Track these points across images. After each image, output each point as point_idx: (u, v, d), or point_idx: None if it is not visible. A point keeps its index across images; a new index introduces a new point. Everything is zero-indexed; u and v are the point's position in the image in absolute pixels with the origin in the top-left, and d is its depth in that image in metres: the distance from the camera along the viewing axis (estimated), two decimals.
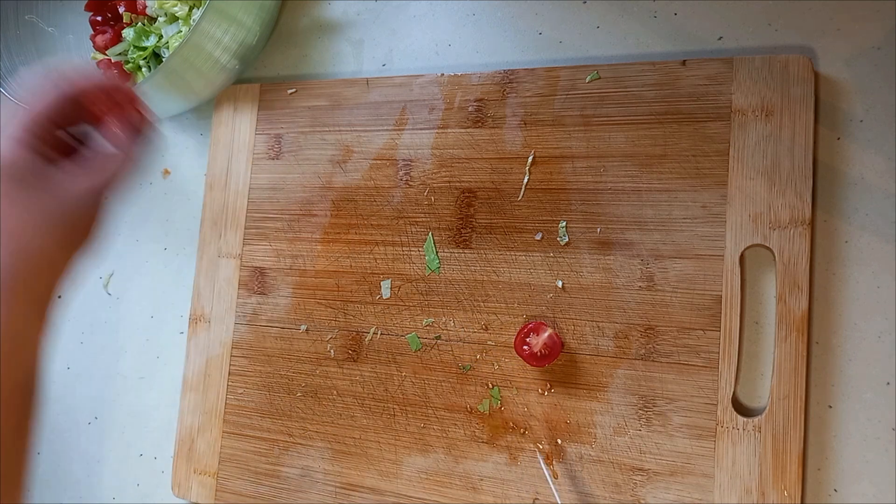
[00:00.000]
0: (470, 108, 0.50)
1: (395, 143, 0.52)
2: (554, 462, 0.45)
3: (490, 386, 0.47)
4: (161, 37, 0.57)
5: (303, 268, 0.53)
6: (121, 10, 0.59)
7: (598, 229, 0.46)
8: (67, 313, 0.64)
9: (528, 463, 0.46)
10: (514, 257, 0.48)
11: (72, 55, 0.61)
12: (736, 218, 0.43)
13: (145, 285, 0.61)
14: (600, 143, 0.46)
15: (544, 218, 0.47)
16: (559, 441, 0.45)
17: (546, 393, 0.46)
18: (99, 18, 0.60)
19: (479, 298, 0.48)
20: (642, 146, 0.45)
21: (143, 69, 0.58)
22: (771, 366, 0.42)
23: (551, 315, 0.46)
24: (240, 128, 0.57)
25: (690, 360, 0.43)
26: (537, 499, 0.45)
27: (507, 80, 0.49)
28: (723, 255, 0.43)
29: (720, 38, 0.46)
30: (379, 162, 0.52)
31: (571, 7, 0.50)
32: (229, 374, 0.54)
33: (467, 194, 0.49)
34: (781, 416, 0.40)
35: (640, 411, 0.43)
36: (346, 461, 0.50)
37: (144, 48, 0.57)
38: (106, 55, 0.59)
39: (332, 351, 0.52)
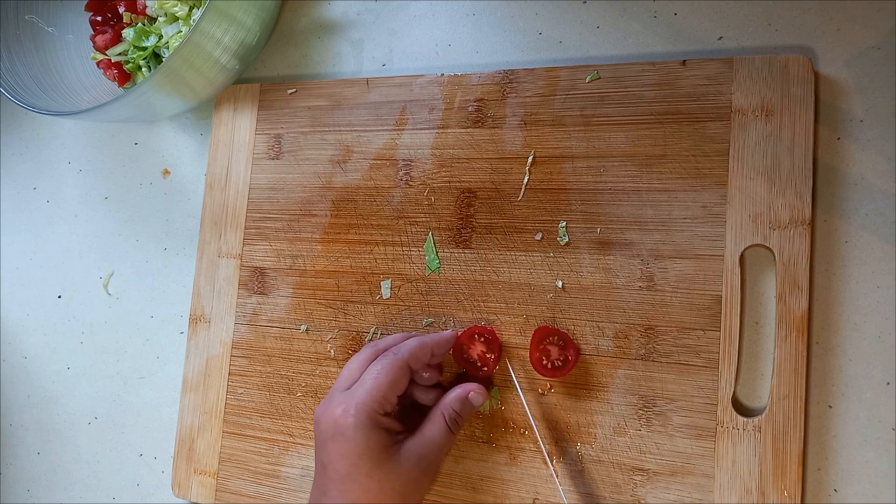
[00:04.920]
0: (470, 108, 0.50)
1: (395, 143, 0.52)
2: (554, 461, 0.45)
3: (490, 386, 0.47)
4: (161, 37, 0.57)
5: (303, 268, 0.53)
6: (121, 10, 0.59)
7: (598, 229, 0.46)
8: (67, 313, 0.64)
9: (528, 463, 0.46)
10: (514, 257, 0.48)
11: (71, 55, 0.61)
12: (736, 218, 0.43)
13: (145, 285, 0.61)
14: (600, 143, 0.46)
15: (544, 218, 0.47)
16: (559, 441, 0.45)
17: (546, 393, 0.46)
18: (99, 18, 0.60)
19: (479, 298, 0.48)
20: (642, 146, 0.45)
21: (143, 69, 0.58)
22: (771, 366, 0.42)
23: (551, 315, 0.46)
24: (240, 128, 0.57)
25: (690, 360, 0.43)
26: (537, 499, 0.45)
27: (507, 80, 0.49)
28: (723, 255, 0.43)
29: (720, 38, 0.46)
30: (379, 162, 0.52)
31: (571, 7, 0.50)
32: (229, 374, 0.54)
33: (467, 194, 0.49)
34: (781, 416, 0.40)
35: (640, 411, 0.43)
36: None
37: (144, 48, 0.57)
38: (106, 55, 0.59)
39: (332, 351, 0.52)
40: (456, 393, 0.44)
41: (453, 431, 0.43)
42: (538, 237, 0.47)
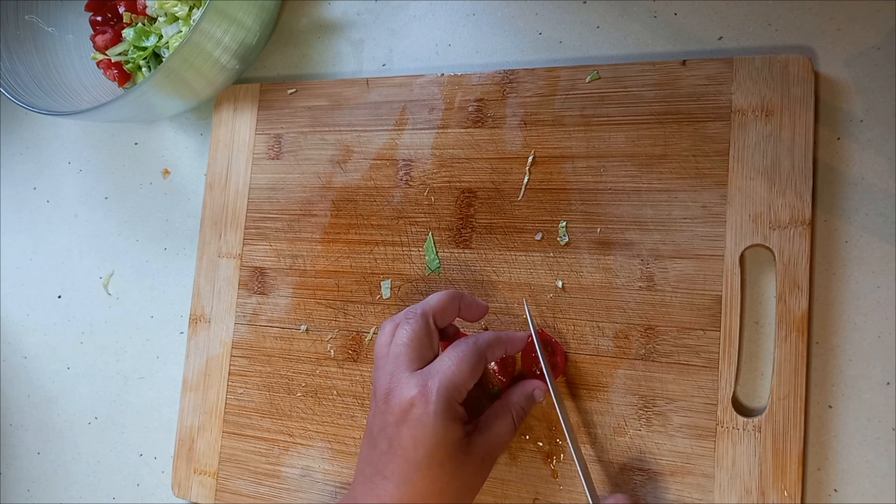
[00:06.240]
0: (470, 108, 0.50)
1: (395, 143, 0.52)
2: (554, 462, 0.45)
3: (490, 386, 0.47)
4: (161, 37, 0.57)
5: (303, 268, 0.53)
6: (121, 10, 0.59)
7: (598, 229, 0.46)
8: (67, 313, 0.64)
9: (528, 463, 0.46)
10: (514, 257, 0.48)
11: (71, 55, 0.61)
12: (736, 218, 0.43)
13: (145, 285, 0.61)
14: (600, 143, 0.46)
15: (544, 218, 0.47)
16: (559, 441, 0.45)
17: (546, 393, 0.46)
18: (99, 18, 0.60)
19: (480, 298, 0.48)
20: (642, 146, 0.45)
21: (143, 69, 0.58)
22: (771, 366, 0.42)
23: (552, 315, 0.46)
24: (240, 128, 0.57)
25: (690, 360, 0.43)
26: (537, 499, 0.45)
27: (507, 80, 0.49)
28: (723, 255, 0.43)
29: (720, 38, 0.46)
30: (379, 162, 0.52)
31: (571, 7, 0.50)
32: (229, 374, 0.54)
33: (467, 194, 0.49)
34: (781, 416, 0.40)
35: (640, 411, 0.43)
36: (346, 461, 0.50)
37: (144, 48, 0.57)
38: (106, 55, 0.59)
39: (332, 351, 0.52)
40: (524, 390, 0.44)
41: (517, 428, 0.43)
42: (538, 237, 0.47)
